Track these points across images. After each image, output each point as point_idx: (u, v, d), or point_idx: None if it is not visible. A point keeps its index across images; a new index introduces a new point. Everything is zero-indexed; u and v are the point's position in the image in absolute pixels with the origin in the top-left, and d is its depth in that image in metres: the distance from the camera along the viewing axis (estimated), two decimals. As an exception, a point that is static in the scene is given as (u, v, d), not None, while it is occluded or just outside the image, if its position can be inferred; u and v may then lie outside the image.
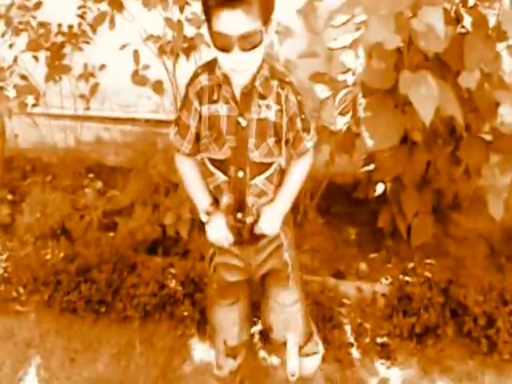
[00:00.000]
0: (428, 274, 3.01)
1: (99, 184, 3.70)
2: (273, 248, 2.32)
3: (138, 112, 3.72)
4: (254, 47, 1.92)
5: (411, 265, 3.12)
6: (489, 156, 2.82)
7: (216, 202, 2.24)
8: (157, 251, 3.34)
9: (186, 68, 3.13)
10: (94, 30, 3.27)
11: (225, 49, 1.92)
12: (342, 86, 2.76)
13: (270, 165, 2.16)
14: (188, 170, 2.25)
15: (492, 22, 2.60)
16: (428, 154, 2.92)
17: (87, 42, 3.33)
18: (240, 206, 2.20)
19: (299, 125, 2.15)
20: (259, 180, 2.16)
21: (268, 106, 2.07)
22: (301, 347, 2.47)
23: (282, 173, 2.23)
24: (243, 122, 2.07)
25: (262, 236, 2.28)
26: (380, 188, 3.22)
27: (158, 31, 3.06)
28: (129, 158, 3.76)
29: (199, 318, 3.03)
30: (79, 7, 3.34)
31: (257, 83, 2.05)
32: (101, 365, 2.92)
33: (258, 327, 2.94)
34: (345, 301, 3.03)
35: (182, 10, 2.92)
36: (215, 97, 2.07)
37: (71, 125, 3.76)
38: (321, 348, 2.58)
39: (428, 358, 2.88)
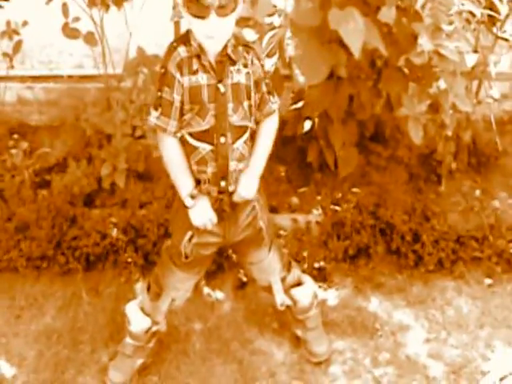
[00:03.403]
0: (356, 200, 3.21)
1: (25, 144, 3.69)
2: (249, 220, 2.42)
3: (60, 69, 3.74)
4: (229, 13, 2.04)
5: (339, 195, 3.32)
6: (407, 86, 3.07)
7: (198, 183, 2.30)
8: (94, 203, 3.37)
9: (113, 20, 3.21)
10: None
11: (201, 15, 2.02)
12: (267, 29, 2.92)
13: (245, 128, 2.27)
14: (173, 152, 2.28)
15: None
16: (352, 87, 3.10)
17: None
18: (223, 173, 2.27)
19: (264, 88, 2.28)
20: (239, 144, 2.26)
21: (238, 71, 2.20)
22: (284, 278, 2.65)
23: (253, 135, 2.34)
24: (222, 88, 2.17)
25: (242, 206, 2.37)
26: (307, 125, 3.38)
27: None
28: (54, 116, 3.74)
29: (143, 263, 3.13)
30: (-6, -38, 3.26)
31: (228, 50, 2.16)
32: (48, 318, 2.96)
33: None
34: (281, 232, 3.20)
35: None
36: (195, 67, 2.15)
37: (-8, 86, 3.71)
38: (308, 279, 2.76)
39: (361, 276, 3.13)
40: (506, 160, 3.65)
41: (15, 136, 3.73)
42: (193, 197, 2.28)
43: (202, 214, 2.31)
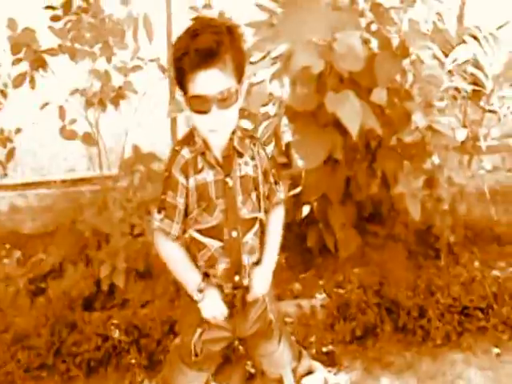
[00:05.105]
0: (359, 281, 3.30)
1: (18, 253, 3.69)
2: (259, 313, 2.44)
3: (52, 174, 3.77)
4: (230, 105, 2.07)
5: (341, 277, 3.40)
6: (403, 164, 3.20)
7: (206, 276, 2.30)
8: (94, 306, 3.37)
9: (107, 121, 3.31)
10: (4, 95, 3.32)
11: (203, 110, 2.06)
12: (262, 119, 3.04)
13: (255, 220, 2.30)
14: (174, 252, 2.29)
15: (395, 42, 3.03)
16: (348, 169, 3.26)
17: (-1, 108, 3.39)
18: (237, 267, 2.28)
19: (271, 178, 2.35)
20: (249, 236, 2.29)
21: (246, 163, 2.25)
22: (295, 369, 2.69)
23: (262, 226, 2.36)
24: (230, 182, 2.21)
25: (253, 302, 2.38)
26: (305, 210, 3.48)
27: (78, 85, 3.17)
28: (48, 221, 3.82)
29: (147, 364, 3.08)
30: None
31: (235, 143, 2.21)
32: (49, 430, 2.92)
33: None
34: (287, 319, 3.23)
35: (109, 60, 3.06)
36: (200, 166, 2.18)
37: (-16, 196, 3.77)
38: (318, 366, 2.82)
39: (370, 357, 3.15)
40: (501, 229, 3.85)
41: (7, 245, 3.75)
42: (201, 290, 2.27)
43: (212, 306, 2.30)
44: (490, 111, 3.39)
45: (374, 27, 3.15)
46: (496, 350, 3.21)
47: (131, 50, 3.07)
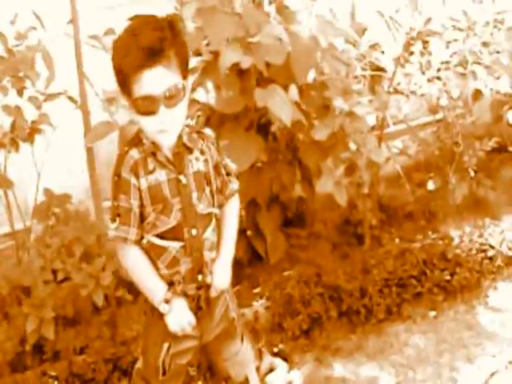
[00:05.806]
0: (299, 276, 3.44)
1: None
2: (222, 312, 2.43)
3: None
4: (178, 102, 2.06)
5: (275, 279, 3.49)
6: (324, 156, 3.38)
7: (171, 285, 2.27)
8: (25, 365, 3.16)
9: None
10: None
11: (150, 111, 2.03)
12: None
13: (211, 216, 2.30)
14: (137, 261, 2.24)
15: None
16: (272, 171, 3.37)
17: None
18: (199, 266, 2.27)
19: (223, 170, 2.36)
20: (209, 233, 2.28)
21: (197, 159, 2.24)
22: (258, 368, 2.72)
23: (218, 221, 2.36)
24: (184, 180, 2.19)
25: (216, 299, 2.36)
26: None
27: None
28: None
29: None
30: None
31: (184, 139, 2.20)
32: None
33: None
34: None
35: (20, 93, 2.94)
36: (151, 167, 2.15)
37: None
38: (279, 362, 2.88)
39: (319, 347, 3.26)
40: (411, 207, 4.14)
41: None
42: (167, 301, 2.24)
43: (179, 317, 2.26)
44: (396, 91, 3.66)
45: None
46: (433, 313, 3.46)
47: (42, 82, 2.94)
